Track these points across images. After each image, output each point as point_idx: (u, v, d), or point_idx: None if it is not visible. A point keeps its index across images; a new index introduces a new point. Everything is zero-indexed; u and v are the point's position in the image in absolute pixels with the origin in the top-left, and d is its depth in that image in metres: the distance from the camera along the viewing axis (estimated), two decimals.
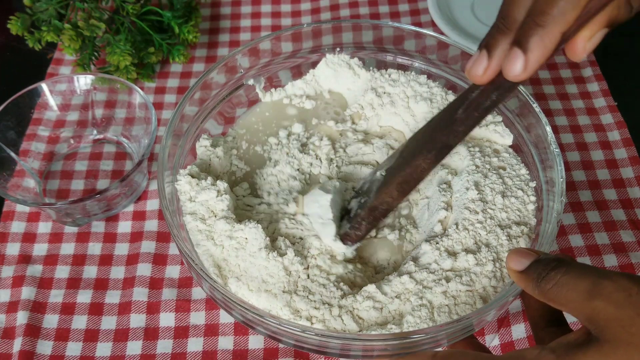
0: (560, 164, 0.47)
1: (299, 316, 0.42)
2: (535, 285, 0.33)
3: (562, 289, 0.32)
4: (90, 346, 0.51)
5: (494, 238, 0.45)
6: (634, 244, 0.57)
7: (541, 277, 0.33)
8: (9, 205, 0.60)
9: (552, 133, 0.48)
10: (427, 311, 0.42)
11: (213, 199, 0.48)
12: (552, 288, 0.32)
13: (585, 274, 0.32)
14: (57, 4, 0.66)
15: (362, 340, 0.40)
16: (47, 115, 0.64)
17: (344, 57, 0.58)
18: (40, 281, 0.55)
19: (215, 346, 0.51)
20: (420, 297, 0.42)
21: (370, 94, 0.56)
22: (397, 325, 0.41)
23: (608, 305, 0.30)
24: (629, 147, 0.64)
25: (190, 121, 0.53)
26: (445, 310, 0.42)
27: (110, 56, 0.66)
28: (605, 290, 0.30)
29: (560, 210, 0.44)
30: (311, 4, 0.81)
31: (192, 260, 0.43)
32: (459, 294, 0.42)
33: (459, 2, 0.79)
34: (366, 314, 0.43)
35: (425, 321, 0.41)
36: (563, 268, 0.33)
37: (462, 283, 0.43)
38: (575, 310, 0.32)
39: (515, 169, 0.50)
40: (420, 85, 0.56)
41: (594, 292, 0.31)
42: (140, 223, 0.59)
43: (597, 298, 0.31)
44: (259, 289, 0.44)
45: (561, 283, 0.32)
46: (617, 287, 0.30)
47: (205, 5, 0.80)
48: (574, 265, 0.33)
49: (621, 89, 0.70)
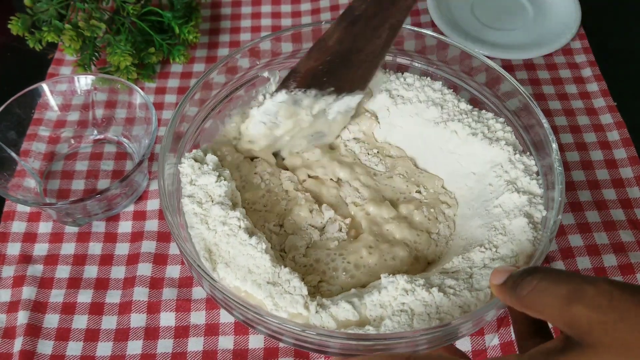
0: (562, 182, 0.46)
1: (280, 308, 0.43)
2: (512, 293, 0.33)
3: (540, 295, 0.32)
4: (91, 346, 0.52)
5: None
6: (633, 244, 0.57)
7: (517, 285, 0.33)
8: (10, 205, 0.60)
9: (557, 150, 0.48)
10: (407, 317, 0.42)
11: (212, 183, 0.49)
12: (528, 294, 0.32)
13: (563, 279, 0.31)
14: (58, 4, 0.66)
15: (364, 340, 0.40)
16: (48, 115, 0.64)
17: None
18: (40, 281, 0.55)
19: (215, 346, 0.52)
20: (402, 303, 0.42)
21: (384, 95, 0.57)
22: (376, 327, 0.42)
23: (590, 310, 0.30)
24: (629, 147, 0.64)
25: (190, 121, 0.53)
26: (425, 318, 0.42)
27: (110, 56, 0.66)
28: (586, 295, 0.30)
29: (555, 228, 0.44)
30: (311, 5, 0.81)
31: (192, 260, 0.43)
32: (442, 302, 0.42)
33: (459, 2, 0.79)
34: (344, 314, 0.43)
35: (403, 326, 0.41)
36: (539, 274, 0.32)
37: (445, 295, 0.42)
38: (553, 316, 0.31)
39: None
40: (434, 92, 0.56)
41: (573, 297, 0.30)
42: (140, 223, 0.59)
43: (577, 303, 0.30)
44: (245, 278, 0.44)
45: (538, 289, 0.32)
46: (598, 292, 0.30)
47: (205, 6, 0.80)
48: (550, 271, 0.32)
49: (621, 89, 0.70)
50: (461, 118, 0.54)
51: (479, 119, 0.54)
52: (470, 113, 0.54)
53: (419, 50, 0.58)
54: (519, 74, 0.72)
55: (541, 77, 0.71)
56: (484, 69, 0.55)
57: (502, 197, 0.49)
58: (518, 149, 0.52)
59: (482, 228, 0.49)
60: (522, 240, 0.45)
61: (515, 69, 0.72)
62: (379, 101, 0.57)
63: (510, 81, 0.53)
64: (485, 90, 0.56)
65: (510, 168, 0.50)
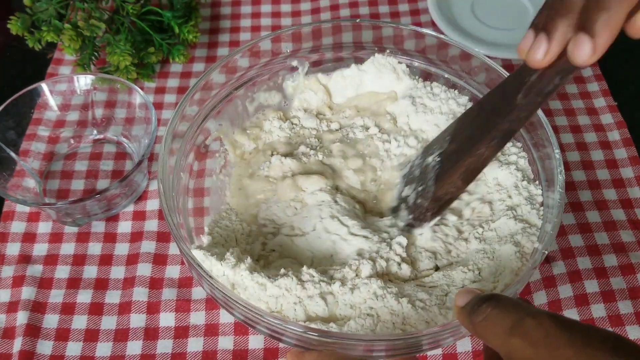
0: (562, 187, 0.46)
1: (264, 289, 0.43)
2: (468, 319, 0.33)
3: (489, 323, 0.32)
4: (90, 346, 0.51)
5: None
6: (634, 244, 0.57)
7: (473, 311, 0.33)
8: (9, 205, 0.60)
9: (563, 182, 0.46)
10: (372, 322, 0.41)
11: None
12: (480, 322, 0.32)
13: (512, 309, 0.31)
14: (57, 4, 0.66)
15: (366, 341, 0.40)
16: (47, 115, 0.64)
17: (392, 60, 0.58)
18: (40, 281, 0.55)
19: (215, 346, 0.51)
20: (370, 307, 0.42)
21: (407, 101, 0.57)
22: (339, 327, 0.41)
23: (525, 344, 0.29)
24: (629, 147, 0.64)
25: (190, 121, 0.53)
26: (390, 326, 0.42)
27: (110, 56, 0.66)
28: (525, 328, 0.30)
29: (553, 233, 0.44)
30: (311, 4, 0.81)
31: (192, 260, 0.43)
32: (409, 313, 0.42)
33: (459, 2, 0.79)
34: (315, 308, 0.42)
35: (365, 330, 0.41)
36: (493, 302, 0.32)
37: (413, 307, 0.42)
38: (497, 346, 0.31)
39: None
40: (457, 106, 0.56)
41: (515, 329, 0.30)
42: (140, 223, 0.59)
43: (516, 335, 0.30)
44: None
45: (489, 317, 0.32)
46: (536, 325, 0.29)
47: (205, 5, 0.80)
48: (504, 301, 0.32)
49: (621, 89, 0.70)
50: None
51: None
52: None
53: (419, 50, 0.58)
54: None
55: None
56: (484, 69, 0.55)
57: (499, 221, 0.48)
58: (528, 176, 0.51)
59: (473, 247, 0.48)
60: (506, 268, 0.45)
61: (516, 68, 0.72)
62: (401, 106, 0.57)
63: None
64: (485, 90, 0.56)
65: (514, 194, 0.49)
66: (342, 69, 0.60)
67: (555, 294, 0.54)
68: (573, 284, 0.54)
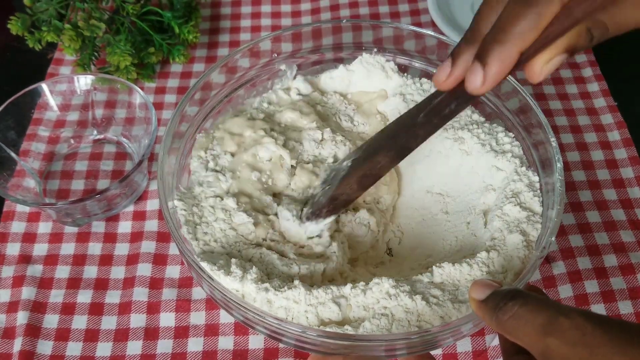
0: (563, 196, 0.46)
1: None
2: (493, 316, 0.33)
3: (519, 322, 0.32)
4: (91, 346, 0.52)
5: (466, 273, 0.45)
6: (634, 244, 0.57)
7: (498, 308, 0.33)
8: (9, 205, 0.60)
9: (562, 169, 0.47)
10: (387, 321, 0.42)
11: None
12: (508, 320, 0.32)
13: (542, 308, 0.31)
14: (57, 4, 0.66)
15: (366, 341, 0.40)
16: (47, 115, 0.64)
17: (380, 58, 0.58)
18: (40, 281, 0.55)
19: (215, 346, 0.51)
20: (384, 307, 0.42)
21: (398, 99, 0.57)
22: (355, 328, 0.41)
23: (561, 343, 0.30)
24: (629, 147, 0.64)
25: (190, 121, 0.53)
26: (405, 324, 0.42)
27: (110, 56, 0.66)
28: (560, 327, 0.30)
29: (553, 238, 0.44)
30: (311, 4, 0.81)
31: (192, 260, 0.43)
32: (424, 310, 0.42)
33: (459, 2, 0.79)
34: (329, 314, 0.43)
35: (381, 330, 0.41)
36: (520, 300, 0.32)
37: (427, 303, 0.42)
38: (529, 345, 0.31)
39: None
40: None
41: (549, 328, 0.30)
42: (140, 223, 0.59)
43: (551, 334, 0.30)
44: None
45: (518, 315, 0.32)
46: (571, 325, 0.30)
47: (205, 6, 0.80)
48: (531, 298, 0.32)
49: (621, 89, 0.70)
50: (471, 128, 0.53)
51: (490, 131, 0.54)
52: (482, 125, 0.54)
53: (419, 50, 0.58)
54: (519, 73, 0.71)
55: None
56: None
57: (505, 207, 0.48)
58: (524, 163, 0.51)
59: (478, 235, 0.48)
60: (514, 257, 0.45)
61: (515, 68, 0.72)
62: (392, 103, 0.57)
63: (510, 81, 0.53)
64: None
65: (516, 179, 0.50)
66: (330, 70, 0.59)
67: (555, 294, 0.54)
68: (573, 284, 0.54)
